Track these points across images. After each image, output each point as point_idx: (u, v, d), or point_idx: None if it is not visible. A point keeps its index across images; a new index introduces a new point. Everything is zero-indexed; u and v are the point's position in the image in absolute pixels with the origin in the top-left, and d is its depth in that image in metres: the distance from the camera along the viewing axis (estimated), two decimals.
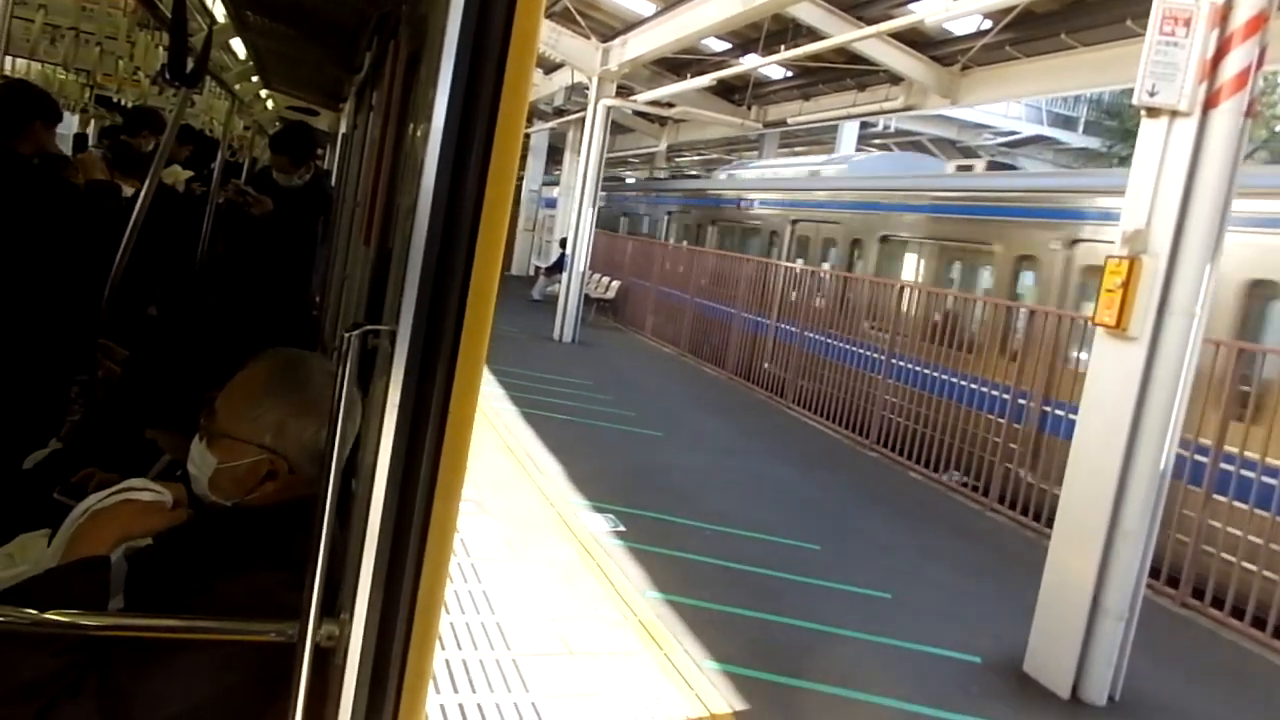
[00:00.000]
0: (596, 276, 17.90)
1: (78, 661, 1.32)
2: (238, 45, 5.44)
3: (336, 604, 1.24)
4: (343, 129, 7.14)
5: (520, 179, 23.51)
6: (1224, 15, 3.89)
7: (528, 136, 22.08)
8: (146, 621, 1.39)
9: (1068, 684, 4.21)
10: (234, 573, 1.44)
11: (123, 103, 7.17)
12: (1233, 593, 5.35)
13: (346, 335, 1.18)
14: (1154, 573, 4.80)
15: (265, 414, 1.59)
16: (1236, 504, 5.53)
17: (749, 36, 12.38)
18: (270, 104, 9.27)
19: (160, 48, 5.35)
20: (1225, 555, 5.45)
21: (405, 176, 1.47)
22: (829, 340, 10.14)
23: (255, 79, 7.16)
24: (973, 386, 7.94)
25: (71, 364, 3.24)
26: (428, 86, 1.20)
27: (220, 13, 4.18)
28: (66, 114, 7.53)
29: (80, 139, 8.49)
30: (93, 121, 8.07)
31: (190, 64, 3.15)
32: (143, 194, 3.46)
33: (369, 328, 1.22)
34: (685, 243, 16.48)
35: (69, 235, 3.60)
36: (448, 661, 3.64)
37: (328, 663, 1.22)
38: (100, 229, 3.83)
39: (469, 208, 1.09)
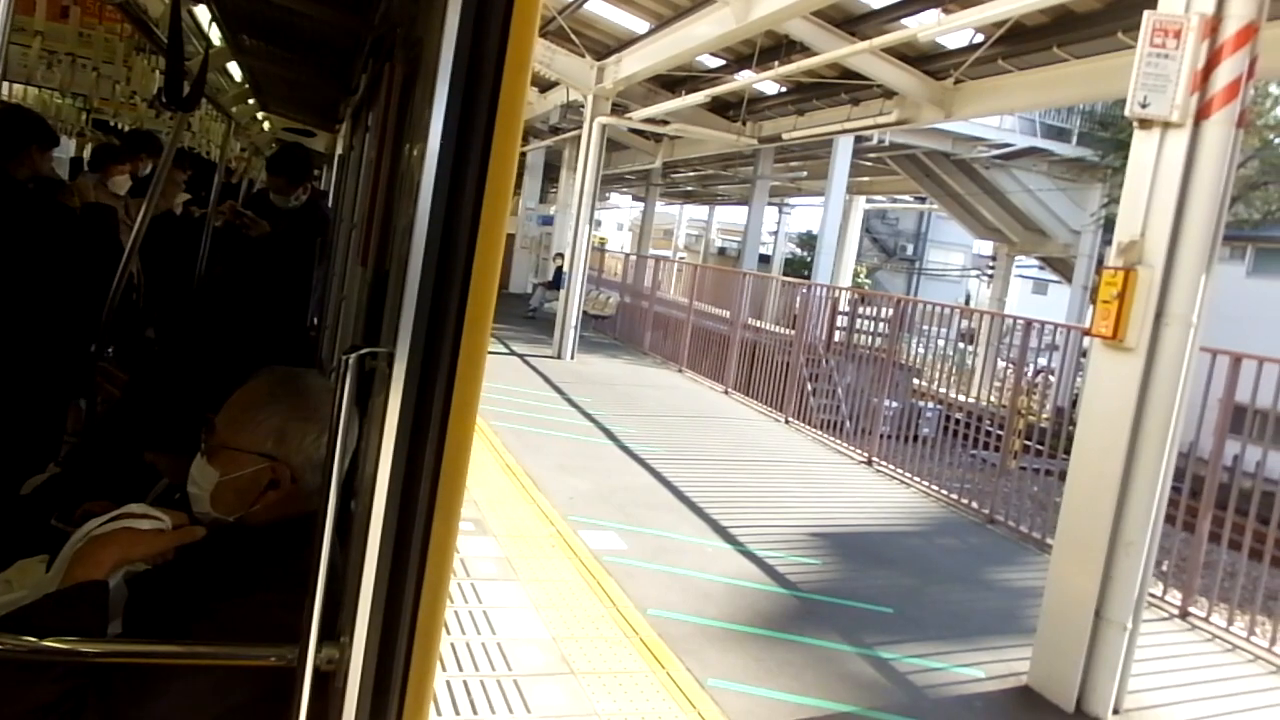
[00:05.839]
0: (595, 292, 17.93)
1: (77, 687, 1.31)
2: (234, 68, 5.46)
3: (336, 626, 1.24)
4: (339, 150, 7.17)
5: (517, 197, 23.59)
6: (1214, 27, 3.92)
7: (524, 155, 22.16)
8: (146, 647, 1.39)
9: (1072, 696, 4.19)
10: (234, 594, 1.43)
11: (120, 126, 7.18)
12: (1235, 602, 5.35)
13: (344, 358, 1.18)
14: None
15: (266, 421, 1.61)
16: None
17: (743, 53, 12.42)
18: (267, 126, 9.31)
19: (157, 71, 5.37)
20: None
21: (402, 197, 1.48)
22: None
23: (252, 101, 7.19)
24: None
25: (69, 388, 3.24)
26: (423, 107, 1.20)
27: (216, 36, 4.20)
28: (64, 138, 7.55)
29: (77, 163, 8.51)
30: (89, 145, 8.09)
31: (187, 87, 3.16)
32: (141, 216, 3.46)
33: (366, 350, 1.22)
34: None
35: (65, 259, 3.60)
36: (448, 683, 3.62)
37: (328, 686, 1.21)
38: (97, 252, 3.84)
39: (465, 228, 1.10)
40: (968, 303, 32.22)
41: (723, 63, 13.68)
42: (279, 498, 1.60)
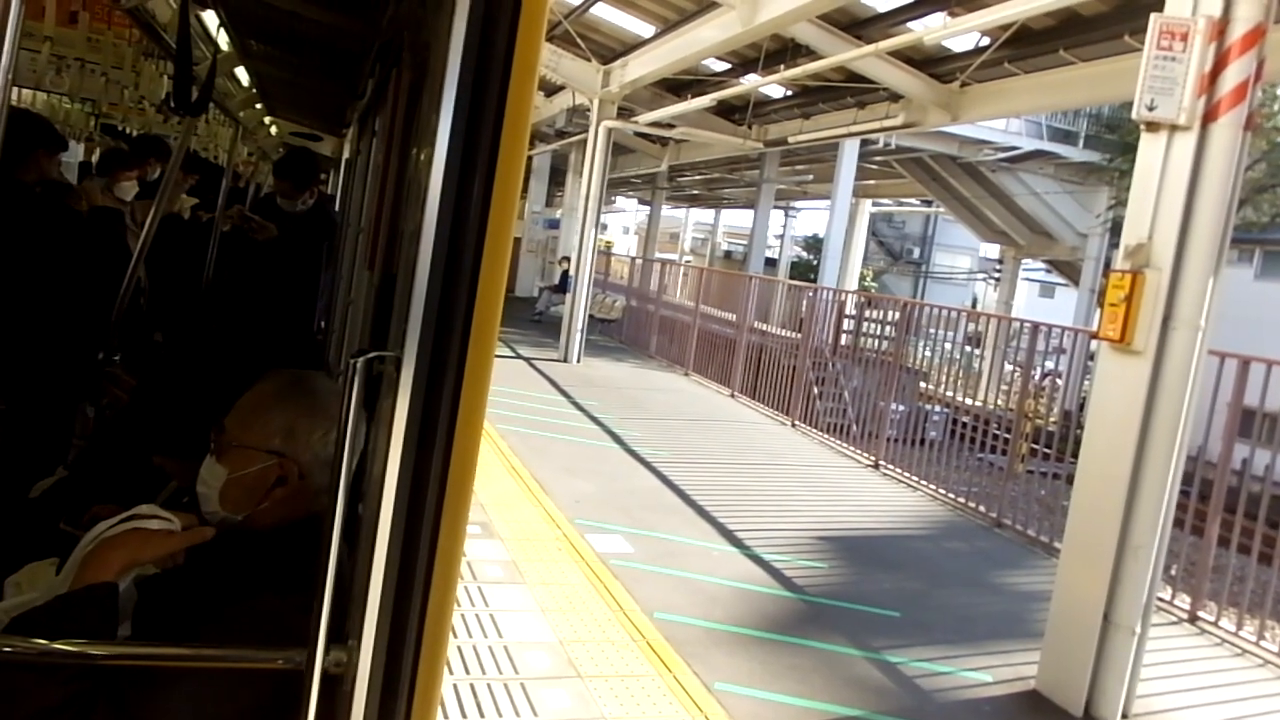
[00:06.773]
0: (601, 296, 17.95)
1: (86, 689, 1.32)
2: (241, 73, 5.47)
3: (344, 630, 1.24)
4: (346, 154, 7.19)
5: (523, 201, 23.62)
6: (1221, 29, 3.91)
7: (530, 159, 22.18)
8: (154, 650, 1.39)
9: (1080, 701, 4.17)
10: (242, 598, 1.44)
11: (128, 131, 7.21)
12: (1244, 606, 5.33)
13: (352, 362, 1.19)
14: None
15: (275, 418, 1.62)
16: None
17: (748, 56, 12.42)
18: (274, 130, 9.32)
19: (165, 77, 5.39)
20: None
21: (409, 201, 1.48)
22: None
23: (259, 106, 7.20)
24: None
25: (77, 391, 3.26)
26: (430, 112, 1.20)
27: (224, 41, 4.21)
28: (72, 143, 7.58)
29: (85, 167, 8.55)
30: (97, 150, 8.13)
31: (195, 92, 3.18)
32: (149, 221, 3.48)
33: (374, 354, 1.22)
34: None
35: (73, 262, 3.62)
36: (455, 686, 3.62)
37: (336, 689, 1.22)
38: (105, 255, 3.85)
39: (473, 232, 1.10)
40: (974, 306, 32.16)
41: (728, 66, 13.69)
42: (287, 495, 1.61)
